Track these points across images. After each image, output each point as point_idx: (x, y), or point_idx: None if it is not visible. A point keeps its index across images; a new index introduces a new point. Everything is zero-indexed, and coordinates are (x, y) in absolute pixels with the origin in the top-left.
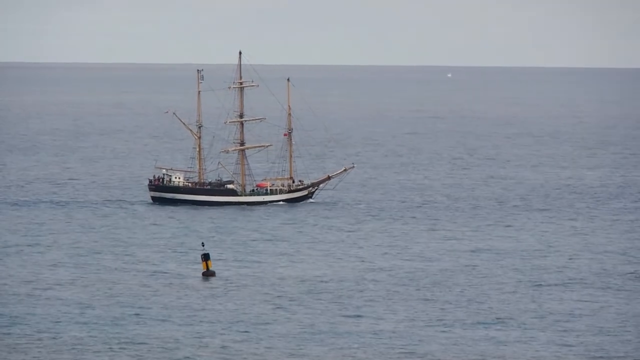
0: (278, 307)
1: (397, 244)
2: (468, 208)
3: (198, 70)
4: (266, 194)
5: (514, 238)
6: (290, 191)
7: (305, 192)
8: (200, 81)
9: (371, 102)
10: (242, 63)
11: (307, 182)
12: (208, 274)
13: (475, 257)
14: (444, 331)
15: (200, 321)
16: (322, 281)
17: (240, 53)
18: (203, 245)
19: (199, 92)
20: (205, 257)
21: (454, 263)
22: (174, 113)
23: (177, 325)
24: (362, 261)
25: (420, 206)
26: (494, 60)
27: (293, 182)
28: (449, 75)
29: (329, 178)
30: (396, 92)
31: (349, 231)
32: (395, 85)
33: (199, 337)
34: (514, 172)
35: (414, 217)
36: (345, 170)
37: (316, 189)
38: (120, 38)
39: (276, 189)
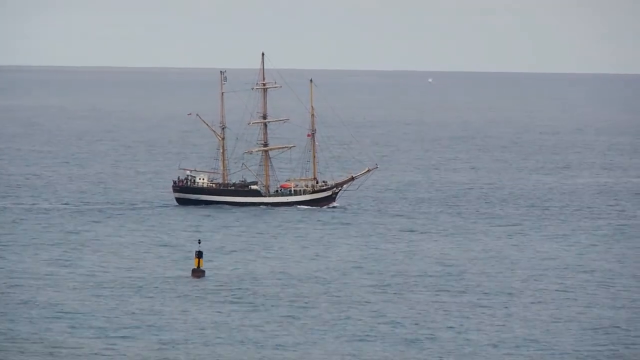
0: (257, 309)
1: (390, 247)
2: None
3: (221, 71)
4: (290, 194)
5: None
6: (314, 192)
7: (329, 193)
8: (223, 83)
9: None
10: (264, 66)
11: (330, 182)
12: (197, 273)
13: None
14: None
15: (176, 324)
16: (310, 283)
17: (263, 55)
18: (199, 243)
19: (222, 93)
20: (199, 255)
21: (458, 267)
22: (197, 115)
23: (154, 328)
24: (354, 263)
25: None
26: (488, 66)
27: (317, 182)
28: (430, 80)
29: (352, 179)
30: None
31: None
32: (363, 89)
33: (172, 343)
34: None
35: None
36: (368, 170)
37: (340, 190)
38: (139, 42)
39: (300, 190)
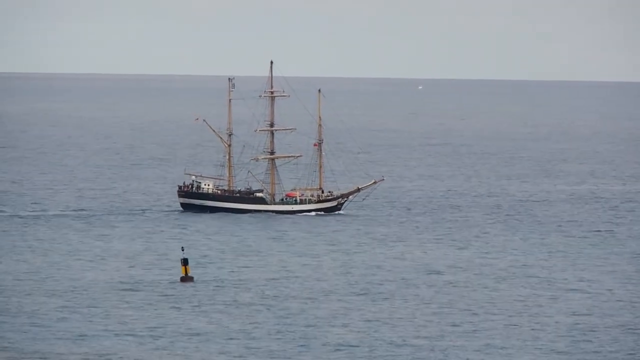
0: (246, 316)
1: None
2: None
3: (229, 78)
4: (295, 203)
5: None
6: (319, 201)
7: (334, 203)
8: (231, 89)
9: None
10: (272, 74)
11: (336, 193)
12: (186, 279)
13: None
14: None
15: (164, 331)
16: (299, 290)
17: (271, 63)
18: (183, 250)
19: (230, 100)
20: (185, 262)
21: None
22: (204, 120)
23: (140, 337)
24: (343, 270)
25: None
26: (483, 73)
27: (322, 192)
28: (420, 87)
29: (358, 190)
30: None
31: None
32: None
33: (159, 349)
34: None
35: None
36: (374, 182)
37: (345, 200)
38: (145, 49)
39: (305, 199)
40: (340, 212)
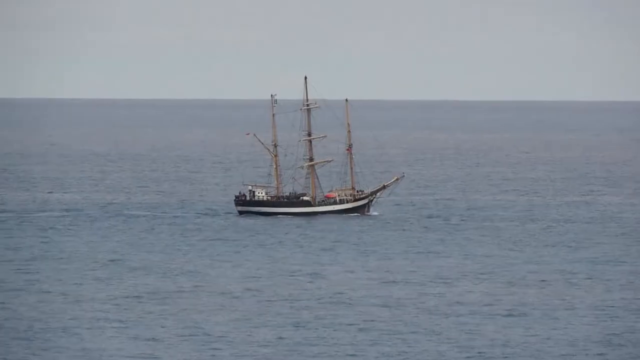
0: (245, 319)
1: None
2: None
3: (272, 95)
4: (335, 203)
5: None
6: (355, 200)
7: (366, 201)
8: (273, 105)
9: None
10: (307, 88)
11: (366, 191)
12: None
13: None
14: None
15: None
16: (290, 290)
17: (305, 78)
18: None
19: (273, 115)
20: None
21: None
22: (254, 134)
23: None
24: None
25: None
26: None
27: (356, 191)
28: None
29: (384, 187)
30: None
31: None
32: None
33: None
34: None
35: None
36: (397, 179)
37: (374, 198)
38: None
39: (344, 199)
40: (371, 212)
